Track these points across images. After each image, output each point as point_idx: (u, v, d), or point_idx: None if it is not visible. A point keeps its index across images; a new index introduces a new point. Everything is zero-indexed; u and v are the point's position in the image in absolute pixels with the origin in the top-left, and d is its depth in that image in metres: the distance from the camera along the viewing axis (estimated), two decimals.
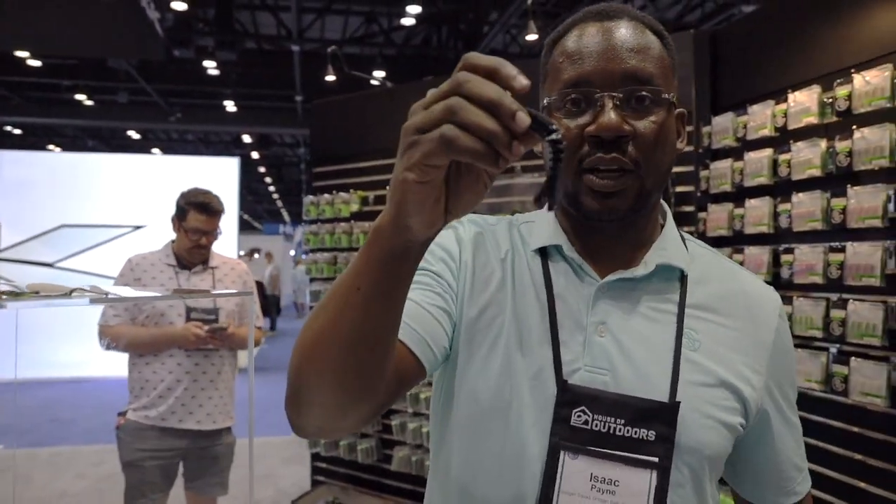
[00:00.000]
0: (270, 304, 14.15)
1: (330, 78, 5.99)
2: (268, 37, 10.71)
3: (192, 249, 2.65)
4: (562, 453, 0.74)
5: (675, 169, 2.96)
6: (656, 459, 0.74)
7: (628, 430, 0.74)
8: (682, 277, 0.83)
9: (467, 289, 0.83)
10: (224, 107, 13.23)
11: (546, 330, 0.79)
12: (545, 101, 0.81)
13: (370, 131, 4.24)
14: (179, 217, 2.66)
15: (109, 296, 1.71)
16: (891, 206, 2.11)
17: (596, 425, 0.74)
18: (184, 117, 13.33)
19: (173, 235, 2.71)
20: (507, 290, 0.83)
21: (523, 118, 0.48)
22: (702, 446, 0.77)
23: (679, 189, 2.97)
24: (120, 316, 2.58)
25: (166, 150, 16.92)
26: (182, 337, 2.52)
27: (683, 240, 0.88)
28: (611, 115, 0.73)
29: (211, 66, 10.50)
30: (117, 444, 2.60)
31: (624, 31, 0.77)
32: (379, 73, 9.23)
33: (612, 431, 0.74)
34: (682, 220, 2.96)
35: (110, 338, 2.54)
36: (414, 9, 8.60)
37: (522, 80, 0.49)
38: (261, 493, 4.59)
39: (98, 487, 4.62)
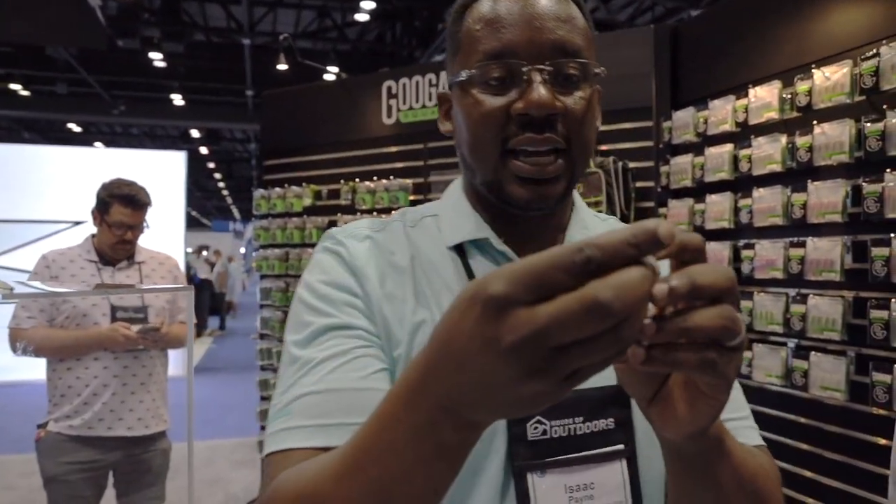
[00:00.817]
0: (219, 303, 13.74)
1: (282, 67, 5.79)
2: (217, 29, 10.40)
3: (115, 245, 2.46)
4: (528, 476, 0.67)
5: (636, 164, 2.94)
6: (622, 446, 0.70)
7: (588, 426, 0.69)
8: None
9: (386, 324, 0.70)
10: (171, 100, 12.80)
11: None
12: (461, 76, 0.71)
13: (323, 124, 4.11)
14: (101, 210, 2.45)
15: (16, 291, 1.54)
16: (850, 202, 2.12)
17: (555, 432, 0.68)
18: (128, 110, 12.83)
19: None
20: (427, 306, 0.71)
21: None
22: None
23: (639, 184, 2.95)
24: (35, 318, 2.34)
25: (109, 144, 16.28)
26: (108, 338, 2.33)
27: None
28: (541, 91, 0.66)
29: (157, 58, 10.12)
30: (38, 458, 2.37)
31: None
32: (332, 69, 9.05)
33: (572, 433, 0.68)
34: (643, 215, 2.94)
35: (26, 341, 2.32)
36: (368, 4, 8.47)
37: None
38: (209, 499, 4.41)
39: (29, 498, 4.34)
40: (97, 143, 15.84)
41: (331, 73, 8.36)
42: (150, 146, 17.15)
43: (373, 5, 8.50)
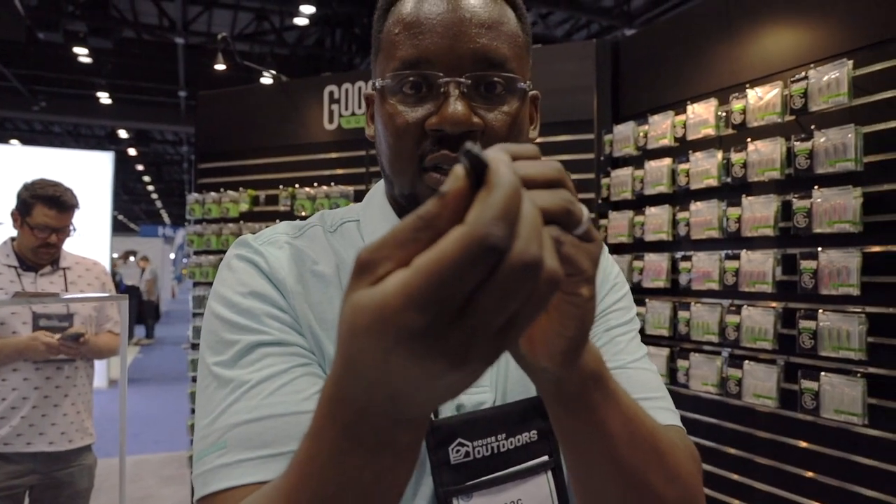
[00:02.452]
0: (147, 311, 13.16)
1: (220, 67, 5.61)
2: (149, 26, 10.00)
3: (38, 249, 2.30)
4: (454, 501, 0.64)
5: (577, 176, 2.98)
6: (546, 458, 0.68)
7: (511, 441, 0.67)
8: None
9: (317, 339, 0.65)
10: (97, 98, 12.20)
11: None
12: (377, 84, 0.67)
13: (262, 127, 3.99)
14: (23, 212, 2.30)
15: None
16: (781, 217, 2.21)
17: (478, 452, 0.65)
18: (49, 107, 12.16)
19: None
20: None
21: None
22: None
23: (580, 196, 2.98)
24: None
25: (27, 142, 15.36)
26: (28, 347, 2.17)
27: None
28: (457, 107, 0.61)
29: (82, 54, 9.62)
30: None
31: (473, 1, 0.64)
32: (271, 72, 8.85)
33: (496, 451, 0.66)
34: None
35: None
36: (308, 9, 8.32)
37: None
38: None
39: None
40: (13, 141, 14.92)
41: (268, 77, 8.18)
42: (73, 146, 16.29)
43: (312, 10, 8.37)
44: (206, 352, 0.64)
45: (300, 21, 9.04)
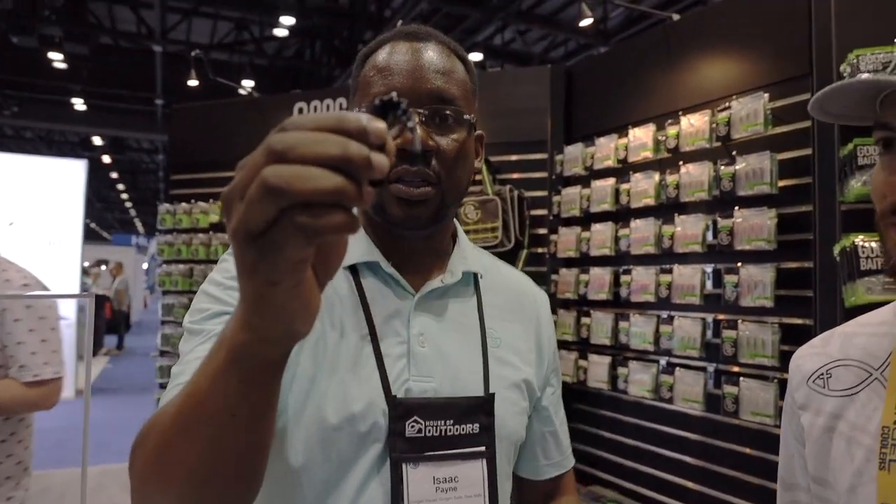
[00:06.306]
0: (119, 321, 13.06)
1: (193, 83, 5.72)
2: (126, 33, 10.02)
3: None
4: (403, 465, 0.78)
5: (531, 193, 3.16)
6: (483, 448, 0.82)
7: (457, 429, 0.80)
8: (476, 282, 0.92)
9: None
10: (72, 104, 12.13)
11: (369, 349, 0.81)
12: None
13: (234, 140, 4.10)
14: None
15: None
16: (709, 234, 2.40)
17: (429, 431, 0.79)
18: (21, 111, 12.04)
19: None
20: (320, 317, 0.76)
21: (382, 160, 0.39)
22: (512, 432, 0.87)
23: (534, 212, 3.16)
24: None
25: None
26: None
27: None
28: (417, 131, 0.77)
29: (57, 59, 9.59)
30: None
31: (432, 53, 0.83)
32: (248, 83, 8.94)
33: (443, 433, 0.80)
34: (536, 241, 3.16)
35: None
36: (288, 20, 8.45)
37: (375, 125, 0.40)
38: None
39: None
40: None
41: (245, 88, 8.28)
42: (45, 152, 16.11)
43: (292, 21, 8.50)
44: (186, 318, 0.80)
45: (280, 32, 9.15)
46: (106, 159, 16.70)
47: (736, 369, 2.28)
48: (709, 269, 2.40)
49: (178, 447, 0.54)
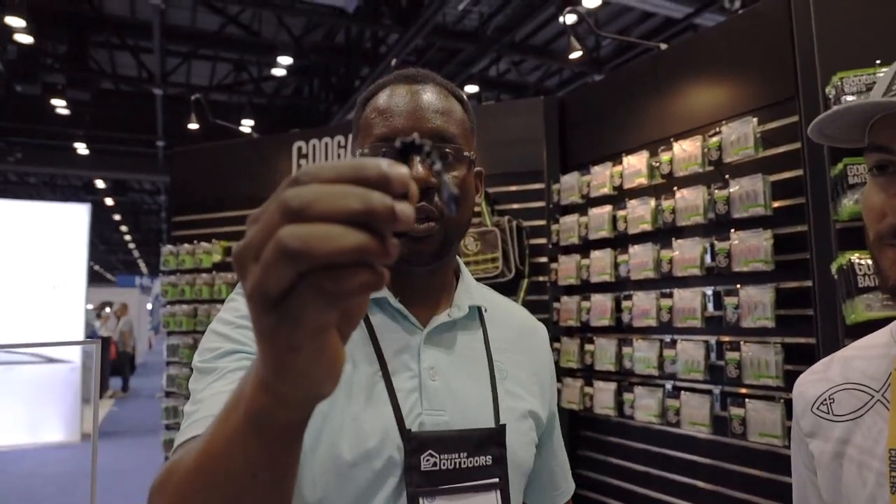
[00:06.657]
0: (123, 363, 13.01)
1: (193, 126, 5.83)
2: (127, 78, 10.21)
3: None
4: (420, 499, 0.78)
5: (529, 223, 3.19)
6: (497, 480, 0.83)
7: (471, 461, 0.82)
8: (481, 315, 0.94)
9: None
10: (74, 149, 12.30)
11: (381, 384, 0.82)
12: (357, 154, 0.87)
13: (234, 181, 4.17)
14: None
15: None
16: (707, 257, 2.42)
17: (444, 464, 0.80)
18: (25, 157, 12.21)
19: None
20: None
21: (407, 210, 0.36)
22: (522, 462, 0.89)
23: (533, 241, 3.19)
24: None
25: (1, 194, 15.33)
26: None
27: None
28: (419, 168, 0.78)
29: (60, 105, 9.77)
30: None
31: (430, 95, 0.86)
32: (248, 122, 9.08)
33: (458, 466, 0.81)
34: (536, 270, 3.18)
35: None
36: (285, 60, 8.62)
37: (397, 171, 0.37)
38: None
39: None
40: None
41: (245, 127, 8.41)
42: (49, 196, 16.29)
43: (290, 61, 8.66)
44: (195, 357, 0.81)
45: (278, 72, 9.32)
46: (109, 202, 16.85)
47: (741, 391, 2.27)
48: (709, 291, 2.42)
49: (198, 502, 0.52)
